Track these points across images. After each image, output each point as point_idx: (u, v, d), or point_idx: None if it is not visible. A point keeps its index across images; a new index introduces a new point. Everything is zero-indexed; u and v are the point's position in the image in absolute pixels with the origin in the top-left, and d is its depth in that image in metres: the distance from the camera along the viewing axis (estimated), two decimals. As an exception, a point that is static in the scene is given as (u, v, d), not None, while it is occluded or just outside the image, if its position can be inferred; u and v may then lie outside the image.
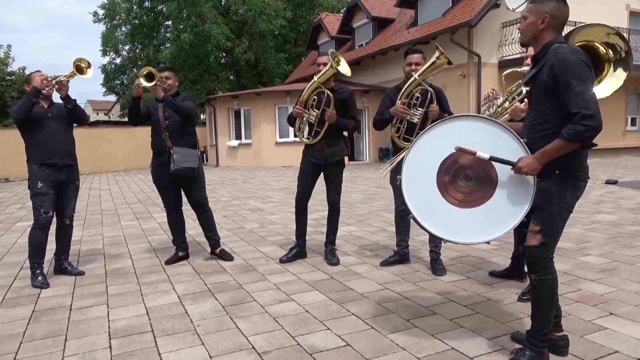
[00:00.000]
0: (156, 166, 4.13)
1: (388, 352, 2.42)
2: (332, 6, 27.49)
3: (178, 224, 4.28)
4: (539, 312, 2.24)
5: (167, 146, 3.97)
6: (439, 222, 2.39)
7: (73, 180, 3.91)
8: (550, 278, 2.22)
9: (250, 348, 2.51)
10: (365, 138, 17.82)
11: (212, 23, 22.71)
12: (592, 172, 11.12)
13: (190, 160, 3.96)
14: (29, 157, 3.73)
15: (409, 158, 2.45)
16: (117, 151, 17.85)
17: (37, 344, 2.64)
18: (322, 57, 3.97)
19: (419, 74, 3.58)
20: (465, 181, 2.35)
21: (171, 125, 4.00)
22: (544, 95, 2.18)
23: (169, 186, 4.14)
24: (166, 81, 4.00)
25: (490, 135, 2.30)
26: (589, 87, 2.03)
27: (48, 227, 3.74)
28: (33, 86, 3.61)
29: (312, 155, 4.05)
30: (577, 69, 2.04)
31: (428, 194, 2.39)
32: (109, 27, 28.97)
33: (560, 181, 2.17)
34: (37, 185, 3.67)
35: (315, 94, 3.95)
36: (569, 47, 2.13)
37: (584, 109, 2.00)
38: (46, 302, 3.31)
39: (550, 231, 2.21)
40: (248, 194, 9.23)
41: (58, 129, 3.78)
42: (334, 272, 3.83)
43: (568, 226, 5.30)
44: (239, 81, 26.11)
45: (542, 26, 2.18)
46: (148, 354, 2.48)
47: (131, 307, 3.17)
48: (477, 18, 12.86)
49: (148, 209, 7.61)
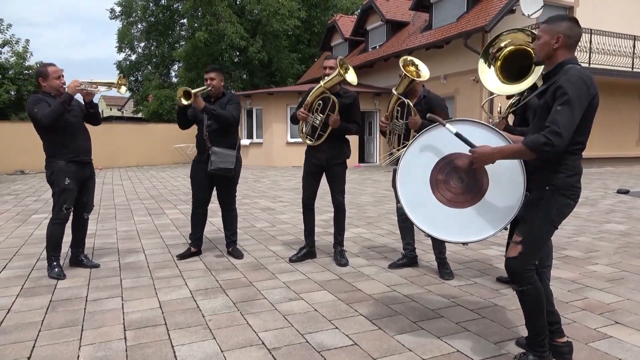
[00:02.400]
0: (196, 162, 4.31)
1: (394, 353, 2.48)
2: (347, 8, 27.54)
3: (201, 221, 4.41)
4: (529, 321, 2.29)
5: (207, 146, 4.10)
6: (424, 216, 2.49)
7: (92, 175, 4.02)
8: (532, 288, 2.24)
9: (260, 344, 2.58)
10: (375, 140, 17.85)
11: (226, 22, 22.87)
12: (604, 181, 11.05)
13: (227, 161, 4.09)
14: (54, 154, 3.73)
15: (409, 152, 2.56)
16: (130, 147, 18.08)
17: (54, 332, 2.73)
18: (329, 61, 4.01)
19: (396, 89, 3.71)
20: (457, 182, 2.44)
21: (211, 126, 4.12)
22: (544, 113, 2.18)
23: (203, 183, 4.28)
24: (211, 82, 4.11)
25: (489, 142, 2.31)
26: (573, 114, 2.04)
27: (66, 222, 3.84)
28: (68, 93, 3.63)
29: (314, 156, 4.14)
30: (574, 93, 2.05)
31: (419, 188, 2.50)
32: (125, 24, 29.29)
33: (548, 197, 2.20)
34: (64, 182, 3.71)
35: (320, 99, 4.02)
36: (580, 69, 2.14)
37: (555, 126, 2.02)
38: (63, 292, 3.41)
39: (531, 243, 2.23)
40: (258, 193, 9.32)
41: (80, 126, 3.86)
42: (342, 273, 3.89)
43: (577, 235, 5.31)
44: (252, 80, 26.25)
45: (556, 46, 2.21)
46: (161, 346, 2.56)
47: (145, 300, 3.26)
48: (491, 23, 12.83)
49: (160, 205, 7.73)
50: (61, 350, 2.51)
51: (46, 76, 3.72)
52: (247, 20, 24.91)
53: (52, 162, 3.75)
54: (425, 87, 3.85)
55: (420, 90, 3.80)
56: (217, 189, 4.36)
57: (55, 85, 3.72)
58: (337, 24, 21.93)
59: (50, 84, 3.72)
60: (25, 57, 20.65)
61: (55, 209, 3.78)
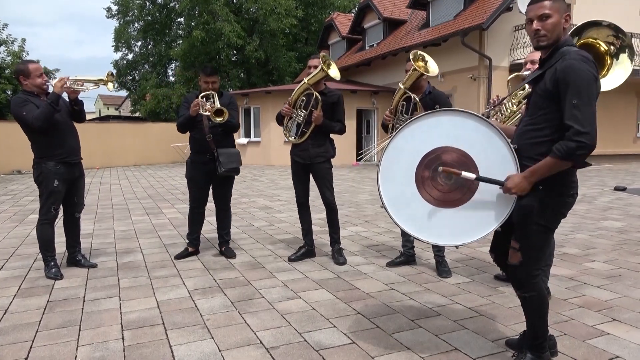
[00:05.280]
0: (196, 163, 4.22)
1: (392, 351, 2.48)
2: (344, 6, 27.50)
3: (199, 220, 4.39)
4: (530, 324, 2.23)
5: (212, 148, 4.09)
6: (409, 216, 2.32)
7: (82, 174, 3.96)
8: (535, 295, 2.16)
9: (258, 343, 2.58)
10: (373, 139, 17.85)
11: (223, 21, 22.83)
12: (602, 178, 11.08)
13: (235, 160, 4.14)
14: (43, 155, 3.64)
15: (391, 147, 2.36)
16: (128, 146, 18.03)
17: (52, 333, 2.73)
18: (314, 60, 4.02)
19: (403, 83, 3.70)
20: (445, 179, 2.25)
21: (214, 128, 4.10)
22: (542, 100, 2.05)
23: (202, 183, 4.26)
24: (213, 85, 4.10)
25: (480, 134, 2.19)
26: (590, 102, 1.90)
27: (54, 221, 3.82)
28: (54, 93, 3.53)
29: (298, 154, 4.14)
30: (583, 81, 1.90)
31: (404, 186, 2.31)
32: (122, 23, 29.20)
33: (542, 197, 2.05)
34: (53, 184, 3.66)
35: (304, 95, 4.03)
36: (578, 51, 1.98)
37: (578, 125, 1.88)
38: (60, 293, 3.40)
39: (529, 251, 2.12)
40: (256, 192, 9.32)
41: (68, 125, 3.78)
42: (340, 272, 3.89)
43: (574, 232, 5.32)
44: (249, 79, 26.21)
45: (566, 25, 2.03)
46: (159, 345, 2.56)
47: (142, 300, 3.26)
48: (488, 21, 12.84)
49: (158, 205, 7.72)
50: (58, 350, 2.50)
51: (28, 74, 3.59)
52: (244, 19, 24.87)
53: (40, 162, 3.66)
54: (430, 84, 3.85)
55: (425, 86, 3.80)
56: (215, 188, 4.34)
57: (38, 83, 3.60)
58: (335, 22, 21.92)
59: (32, 82, 3.59)
60: (22, 57, 20.57)
61: (43, 210, 3.73)
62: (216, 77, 4.13)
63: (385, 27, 18.81)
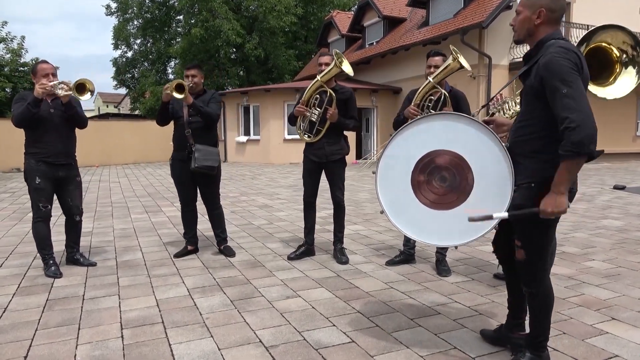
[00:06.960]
0: (176, 161, 4.20)
1: (392, 350, 2.48)
2: (344, 4, 27.47)
3: (191, 218, 4.37)
4: (533, 321, 2.22)
5: (189, 143, 4.05)
6: (409, 220, 2.38)
7: (73, 176, 3.89)
8: (542, 293, 2.15)
9: (258, 342, 2.58)
10: (373, 137, 17.84)
11: (222, 18, 22.80)
12: (601, 177, 11.09)
13: (211, 158, 4.06)
14: (26, 151, 3.71)
15: (386, 154, 2.42)
16: (127, 144, 18.00)
17: (51, 331, 2.72)
18: (324, 57, 4.01)
19: (433, 77, 3.62)
20: (440, 182, 2.30)
21: (194, 123, 4.08)
22: (530, 97, 2.04)
23: (186, 181, 4.23)
24: (193, 79, 4.08)
25: (471, 135, 2.22)
26: (578, 88, 1.86)
27: (49, 219, 3.81)
28: (33, 96, 3.53)
29: (313, 153, 4.12)
30: (563, 71, 1.87)
31: (401, 191, 2.37)
32: (121, 21, 29.16)
33: (535, 195, 2.01)
34: (35, 181, 3.68)
35: (317, 93, 4.02)
36: (559, 43, 1.96)
37: (573, 113, 1.82)
38: (59, 291, 3.40)
39: (531, 248, 2.11)
40: (256, 190, 9.31)
41: (60, 126, 3.75)
42: (340, 270, 3.89)
43: (573, 231, 5.32)
44: (248, 77, 26.18)
45: (538, 21, 2.02)
46: (159, 344, 2.56)
47: (142, 298, 3.26)
48: (488, 19, 12.83)
49: (157, 203, 7.71)
50: (58, 349, 2.50)
51: (35, 74, 3.66)
52: (244, 16, 24.84)
53: (25, 159, 3.73)
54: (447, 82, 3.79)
55: (444, 84, 3.76)
56: (200, 187, 4.30)
57: (37, 91, 3.58)
58: (334, 21, 21.87)
59: (37, 81, 3.62)
60: (21, 54, 20.55)
61: (33, 208, 3.74)
62: (196, 71, 4.10)
63: (385, 26, 18.79)
